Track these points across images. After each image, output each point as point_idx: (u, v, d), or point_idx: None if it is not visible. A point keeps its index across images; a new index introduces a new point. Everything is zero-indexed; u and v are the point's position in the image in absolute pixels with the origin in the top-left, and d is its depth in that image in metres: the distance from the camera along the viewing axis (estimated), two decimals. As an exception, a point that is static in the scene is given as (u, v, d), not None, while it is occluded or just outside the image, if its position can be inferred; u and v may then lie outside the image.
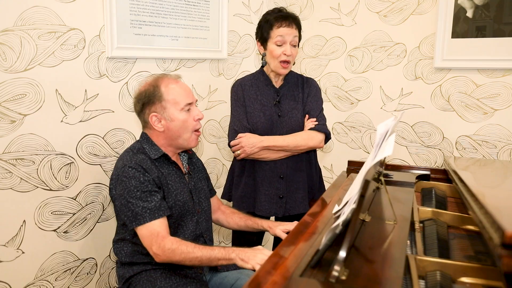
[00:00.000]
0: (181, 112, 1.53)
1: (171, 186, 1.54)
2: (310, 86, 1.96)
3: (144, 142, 1.57)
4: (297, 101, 1.93)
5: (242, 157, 1.85)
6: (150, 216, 1.43)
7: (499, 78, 2.18)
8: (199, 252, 1.38)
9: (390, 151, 0.95)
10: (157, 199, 1.46)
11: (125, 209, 1.46)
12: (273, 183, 1.89)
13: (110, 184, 1.57)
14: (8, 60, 1.52)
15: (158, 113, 1.52)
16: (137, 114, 1.60)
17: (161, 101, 1.52)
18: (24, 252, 1.63)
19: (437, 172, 1.87)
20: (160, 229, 1.43)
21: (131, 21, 1.89)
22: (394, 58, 2.46)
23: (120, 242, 1.58)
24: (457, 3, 2.20)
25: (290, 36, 1.81)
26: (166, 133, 1.55)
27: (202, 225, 1.64)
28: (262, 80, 1.93)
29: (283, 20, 1.80)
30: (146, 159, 1.51)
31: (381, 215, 1.34)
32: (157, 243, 1.40)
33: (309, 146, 1.86)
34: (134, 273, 1.53)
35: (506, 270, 0.78)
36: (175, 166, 1.59)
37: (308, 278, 0.95)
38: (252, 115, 1.88)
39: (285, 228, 1.62)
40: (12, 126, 1.56)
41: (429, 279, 1.01)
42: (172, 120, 1.53)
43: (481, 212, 0.99)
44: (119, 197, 1.49)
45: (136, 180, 1.45)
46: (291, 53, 1.82)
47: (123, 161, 1.50)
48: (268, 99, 1.91)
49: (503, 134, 2.21)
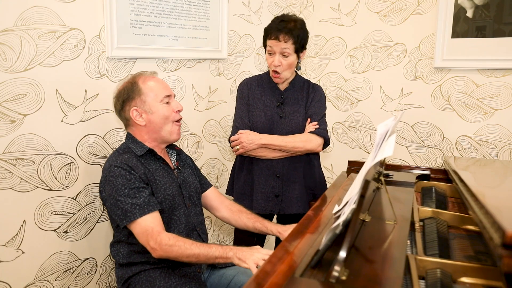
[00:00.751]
0: (160, 104, 1.57)
1: (159, 181, 1.55)
2: (315, 92, 1.99)
3: (129, 141, 1.60)
4: (300, 104, 1.96)
5: (240, 153, 1.90)
6: (140, 212, 1.43)
7: (499, 78, 2.18)
8: (197, 249, 1.39)
9: (390, 152, 0.95)
10: (145, 194, 1.47)
11: (115, 208, 1.47)
12: (269, 181, 1.93)
13: (99, 187, 1.60)
14: (8, 60, 1.52)
15: (138, 107, 1.56)
16: (118, 114, 1.63)
17: (140, 95, 1.55)
18: (24, 252, 1.63)
19: (437, 172, 1.87)
20: (153, 224, 1.43)
21: (131, 21, 1.89)
22: (394, 58, 2.46)
23: (116, 245, 1.59)
24: (457, 3, 2.20)
25: (277, 48, 1.84)
26: (148, 127, 1.57)
27: (193, 218, 1.65)
28: (268, 82, 1.98)
29: (274, 32, 1.83)
30: (131, 157, 1.53)
31: (381, 215, 1.34)
32: (153, 238, 1.40)
33: (307, 148, 1.88)
34: (133, 274, 1.53)
35: (506, 270, 0.78)
36: (163, 162, 1.61)
37: (308, 278, 0.95)
38: (254, 114, 1.93)
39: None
40: (12, 126, 1.56)
41: (429, 279, 1.01)
42: (153, 113, 1.56)
43: (481, 212, 0.99)
44: (108, 197, 1.51)
45: (122, 178, 1.46)
46: (280, 63, 1.85)
47: (109, 162, 1.53)
48: (272, 100, 1.95)
49: (503, 134, 2.21)
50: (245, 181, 1.98)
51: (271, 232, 1.68)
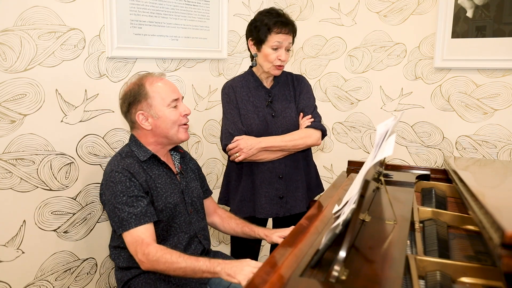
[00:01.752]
0: (167, 109, 1.53)
1: (160, 188, 1.52)
2: (301, 84, 1.96)
3: (133, 144, 1.56)
4: (290, 100, 1.92)
5: (240, 160, 1.81)
6: (136, 222, 1.41)
7: (499, 78, 2.18)
8: (183, 263, 1.34)
9: (390, 152, 0.95)
10: (143, 204, 1.44)
11: (113, 214, 1.45)
12: (273, 184, 1.87)
13: (100, 190, 1.57)
14: (8, 60, 1.52)
15: (144, 111, 1.52)
16: (124, 115, 1.59)
17: (147, 98, 1.51)
18: (24, 252, 1.63)
19: (437, 172, 1.87)
20: (144, 236, 1.40)
21: (131, 21, 1.89)
22: (394, 58, 2.46)
23: (117, 249, 1.57)
24: (457, 3, 2.20)
25: (286, 42, 1.82)
26: (153, 131, 1.54)
27: (195, 225, 1.62)
28: (252, 82, 1.92)
29: (283, 27, 1.80)
30: (133, 163, 1.49)
31: (381, 215, 1.34)
32: (142, 250, 1.37)
33: (307, 144, 1.86)
34: (133, 276, 1.52)
35: (506, 270, 0.78)
36: (165, 167, 1.57)
37: (308, 278, 0.95)
38: (246, 117, 1.86)
39: (281, 235, 1.59)
40: (12, 126, 1.56)
41: (429, 279, 1.01)
42: (159, 117, 1.52)
43: (481, 212, 0.99)
44: (107, 202, 1.48)
45: (122, 185, 1.43)
46: (285, 59, 1.83)
47: (110, 166, 1.50)
48: (260, 100, 1.89)
49: (503, 134, 2.21)
50: (245, 187, 1.90)
51: (258, 235, 1.67)
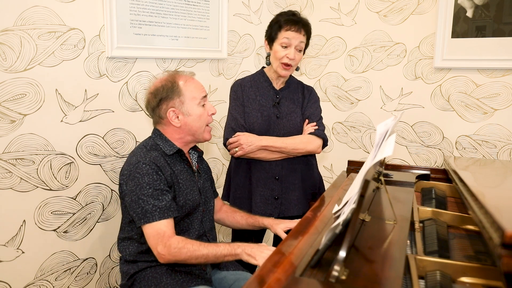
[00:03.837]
0: (198, 107, 1.56)
1: (182, 184, 1.54)
2: (310, 93, 1.98)
3: (158, 138, 1.57)
4: (297, 104, 1.93)
5: (239, 155, 1.84)
6: (160, 215, 1.42)
7: (499, 78, 2.18)
8: (205, 250, 1.39)
9: (390, 151, 0.95)
10: (168, 198, 1.46)
11: (135, 205, 1.45)
12: (268, 184, 1.89)
13: (120, 180, 1.55)
14: (8, 60, 1.52)
15: (176, 108, 1.53)
16: (151, 110, 1.58)
17: (180, 96, 1.53)
18: (24, 252, 1.63)
19: (437, 172, 1.87)
20: (166, 228, 1.43)
21: (131, 21, 1.89)
22: (394, 58, 2.46)
23: (126, 241, 1.57)
24: (457, 3, 2.20)
25: (296, 40, 1.81)
26: (182, 128, 1.56)
27: (206, 224, 1.65)
28: (262, 81, 1.94)
29: (293, 24, 1.80)
30: (159, 156, 1.51)
31: (381, 215, 1.34)
32: (163, 242, 1.40)
33: (307, 150, 1.86)
34: (139, 269, 1.53)
35: (506, 270, 0.78)
36: (187, 164, 1.60)
37: (308, 278, 0.95)
38: (250, 115, 1.88)
39: (286, 226, 1.63)
40: (12, 126, 1.56)
41: (429, 279, 1.01)
42: (190, 115, 1.54)
43: (481, 212, 0.99)
44: (130, 192, 1.47)
45: (149, 177, 1.44)
46: (294, 57, 1.82)
47: (136, 157, 1.49)
48: (267, 100, 1.91)
49: (503, 134, 2.21)
50: (243, 184, 1.94)
51: (263, 225, 1.71)
